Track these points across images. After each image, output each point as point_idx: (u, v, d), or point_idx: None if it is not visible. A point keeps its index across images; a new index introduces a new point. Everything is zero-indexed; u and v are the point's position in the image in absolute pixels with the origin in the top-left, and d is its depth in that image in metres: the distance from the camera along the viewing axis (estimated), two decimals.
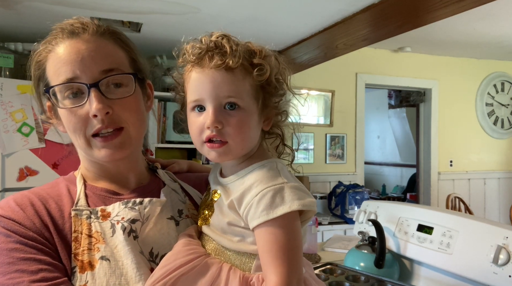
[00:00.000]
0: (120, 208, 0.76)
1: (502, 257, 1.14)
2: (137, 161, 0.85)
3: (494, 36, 3.76)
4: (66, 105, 0.74)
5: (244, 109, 0.69)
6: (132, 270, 0.69)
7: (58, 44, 0.75)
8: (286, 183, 0.66)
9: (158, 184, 0.86)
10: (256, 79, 0.69)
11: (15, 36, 2.64)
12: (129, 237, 0.72)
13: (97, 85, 0.72)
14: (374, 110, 6.05)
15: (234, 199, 0.68)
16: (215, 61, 0.67)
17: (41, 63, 0.76)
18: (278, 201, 0.64)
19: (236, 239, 0.69)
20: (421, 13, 2.10)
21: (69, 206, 0.75)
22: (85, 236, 0.72)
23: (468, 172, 4.63)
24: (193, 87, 0.70)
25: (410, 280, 1.48)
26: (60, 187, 0.80)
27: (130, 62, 0.79)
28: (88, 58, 0.73)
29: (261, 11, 2.25)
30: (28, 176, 2.36)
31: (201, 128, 0.69)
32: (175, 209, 0.81)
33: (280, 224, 0.64)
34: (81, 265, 0.69)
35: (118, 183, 0.82)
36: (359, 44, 2.74)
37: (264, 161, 0.71)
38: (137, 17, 2.36)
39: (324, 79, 4.01)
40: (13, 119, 2.33)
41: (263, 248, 0.65)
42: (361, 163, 4.23)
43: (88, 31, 0.75)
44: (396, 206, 1.59)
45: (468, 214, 1.86)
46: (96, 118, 0.72)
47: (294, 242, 0.65)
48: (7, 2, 2.08)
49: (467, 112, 4.63)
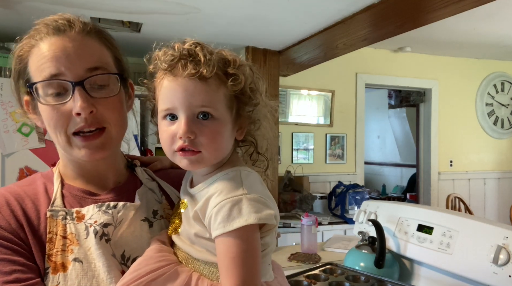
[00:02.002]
0: (94, 211, 0.75)
1: (502, 257, 1.14)
2: (116, 160, 0.84)
3: (494, 36, 3.76)
4: (49, 101, 0.72)
5: (217, 119, 0.68)
6: (104, 272, 0.70)
7: (42, 40, 0.74)
8: (245, 195, 0.65)
9: (136, 183, 0.85)
10: (231, 89, 0.68)
11: (15, 36, 2.63)
12: (101, 241, 0.72)
13: (82, 84, 0.71)
14: (374, 110, 6.05)
15: (198, 209, 0.68)
16: (188, 70, 0.65)
17: (22, 57, 0.76)
18: (235, 214, 0.64)
19: (203, 249, 0.69)
20: (421, 13, 2.10)
21: (45, 206, 0.75)
22: (59, 237, 0.72)
23: (468, 172, 4.63)
24: (165, 96, 0.68)
25: (410, 280, 1.48)
26: (37, 185, 0.79)
27: (115, 61, 0.79)
28: (73, 56, 0.72)
29: (261, 11, 2.25)
30: (28, 176, 2.36)
31: (173, 137, 0.68)
32: (150, 210, 0.81)
33: (235, 236, 0.63)
34: (54, 266, 0.69)
35: (95, 182, 0.81)
36: (359, 44, 2.74)
37: (228, 170, 0.70)
38: (137, 17, 2.36)
39: (324, 79, 4.01)
40: (13, 119, 2.33)
41: (219, 259, 0.65)
42: (361, 163, 4.23)
43: (75, 29, 0.75)
44: (396, 206, 1.60)
45: (468, 214, 1.86)
46: (79, 117, 0.71)
47: (249, 253, 0.64)
48: (7, 2, 2.08)
49: (467, 112, 4.63)
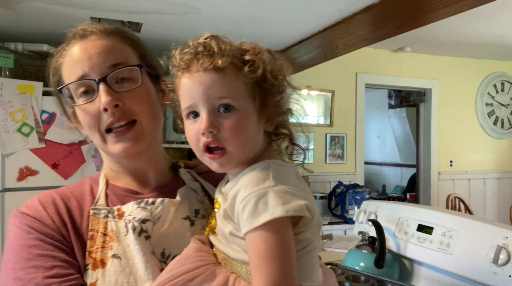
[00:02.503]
0: (133, 207, 0.77)
1: (502, 257, 1.14)
2: (156, 158, 0.85)
3: (494, 36, 3.76)
4: (79, 103, 0.76)
5: (239, 110, 0.65)
6: (142, 269, 0.70)
7: (70, 48, 0.78)
8: (272, 187, 0.61)
9: (179, 183, 0.86)
10: (249, 75, 0.65)
11: (15, 36, 2.64)
12: (140, 237, 0.73)
13: (104, 80, 0.74)
14: (374, 110, 6.04)
15: (227, 207, 0.65)
16: (202, 62, 0.64)
17: (57, 68, 0.79)
18: (260, 208, 0.59)
19: (239, 249, 0.66)
20: (421, 13, 2.10)
21: (89, 205, 0.78)
22: (100, 234, 0.74)
23: (468, 172, 4.63)
24: (184, 94, 0.67)
25: (410, 280, 1.48)
26: (85, 187, 0.82)
27: (139, 57, 0.81)
28: (95, 55, 0.75)
29: (261, 11, 2.25)
30: (28, 176, 2.36)
31: (197, 135, 0.66)
32: (192, 209, 0.81)
33: (262, 232, 0.59)
34: (93, 263, 0.71)
35: (138, 181, 0.83)
36: (359, 44, 2.74)
37: (257, 164, 0.66)
38: (137, 17, 2.36)
39: (324, 79, 4.01)
40: (13, 119, 2.33)
41: (248, 257, 0.62)
42: (361, 163, 4.23)
43: (96, 32, 0.78)
44: (396, 206, 1.59)
45: (468, 214, 1.86)
46: (107, 112, 0.73)
47: (279, 250, 0.59)
48: (7, 2, 2.08)
49: (467, 112, 4.63)
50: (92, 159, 2.49)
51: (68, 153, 2.45)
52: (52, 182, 2.39)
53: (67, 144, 2.43)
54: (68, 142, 2.43)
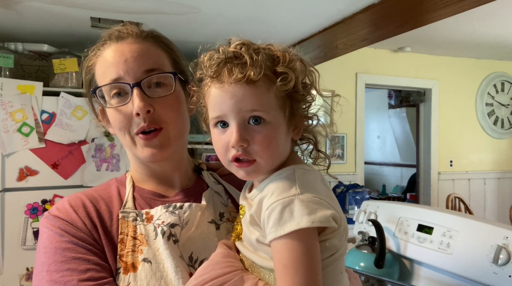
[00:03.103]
0: (162, 212, 0.78)
1: (502, 257, 1.14)
2: (182, 162, 0.87)
3: (494, 36, 3.75)
4: (112, 104, 0.78)
5: (270, 123, 0.64)
6: (172, 273, 0.71)
7: (105, 49, 0.79)
8: (297, 195, 0.60)
9: (202, 186, 0.87)
10: (280, 88, 0.64)
11: (15, 36, 2.64)
12: (169, 241, 0.74)
13: (139, 85, 0.75)
14: (374, 110, 6.04)
15: (253, 213, 0.65)
16: (235, 74, 0.62)
17: (90, 67, 0.81)
18: (286, 217, 0.59)
19: (266, 256, 0.65)
20: (421, 13, 2.10)
21: (118, 208, 0.79)
22: (130, 238, 0.74)
23: (468, 172, 4.63)
24: (214, 103, 0.65)
25: (410, 280, 1.48)
26: (112, 189, 0.83)
27: (172, 63, 0.82)
28: (131, 59, 0.76)
29: (261, 11, 2.25)
30: (28, 176, 2.36)
31: (226, 146, 0.65)
32: (217, 212, 0.82)
33: (287, 241, 0.58)
34: (125, 266, 0.72)
35: (164, 184, 0.84)
36: (359, 44, 2.74)
37: (283, 169, 0.66)
38: (137, 17, 2.36)
39: (324, 79, 3.98)
40: (13, 119, 2.33)
41: (274, 266, 0.61)
42: (361, 163, 4.23)
43: (132, 35, 0.80)
44: (396, 206, 1.60)
45: (468, 214, 1.86)
46: (139, 117, 0.75)
47: (305, 260, 0.58)
48: (7, 2, 2.08)
49: (467, 112, 4.63)
50: (92, 159, 2.49)
51: (68, 153, 2.45)
52: (52, 182, 2.39)
53: (67, 144, 2.43)
54: (68, 142, 2.43)
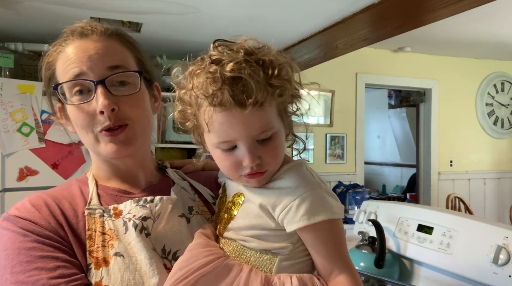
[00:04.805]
0: (132, 206, 0.77)
1: (502, 257, 1.14)
2: (145, 159, 0.86)
3: (494, 36, 3.75)
4: (74, 102, 0.75)
5: (275, 133, 0.67)
6: (146, 265, 0.70)
7: (68, 45, 0.77)
8: (323, 189, 0.68)
9: (168, 182, 0.87)
10: (279, 100, 0.67)
11: (15, 36, 2.64)
12: (141, 234, 0.73)
13: (103, 82, 0.74)
14: (374, 110, 6.04)
15: (267, 202, 0.67)
16: (242, 101, 0.61)
17: (51, 63, 0.78)
18: (318, 207, 0.66)
19: (262, 238, 0.69)
20: (421, 13, 2.10)
21: (82, 206, 0.77)
22: (98, 233, 0.73)
23: (468, 172, 4.63)
24: (219, 129, 0.64)
25: (410, 280, 1.48)
26: (73, 189, 0.82)
27: (137, 62, 0.81)
28: (95, 56, 0.75)
29: (261, 11, 2.25)
30: (28, 176, 2.36)
31: (236, 165, 0.67)
32: (186, 206, 0.83)
33: (323, 227, 0.66)
34: (96, 262, 0.71)
35: (128, 182, 0.83)
36: (359, 44, 2.74)
37: (291, 163, 0.71)
38: (137, 17, 2.36)
39: (324, 79, 4.00)
40: (13, 119, 2.33)
41: (315, 247, 0.68)
42: (361, 163, 4.23)
43: (96, 32, 0.78)
44: (396, 206, 1.59)
45: (468, 214, 1.86)
46: (103, 115, 0.73)
47: (343, 242, 0.69)
48: (7, 2, 2.08)
49: (467, 112, 4.63)
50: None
51: (68, 153, 2.45)
52: (52, 182, 2.39)
53: (67, 144, 2.42)
54: (68, 142, 2.43)
